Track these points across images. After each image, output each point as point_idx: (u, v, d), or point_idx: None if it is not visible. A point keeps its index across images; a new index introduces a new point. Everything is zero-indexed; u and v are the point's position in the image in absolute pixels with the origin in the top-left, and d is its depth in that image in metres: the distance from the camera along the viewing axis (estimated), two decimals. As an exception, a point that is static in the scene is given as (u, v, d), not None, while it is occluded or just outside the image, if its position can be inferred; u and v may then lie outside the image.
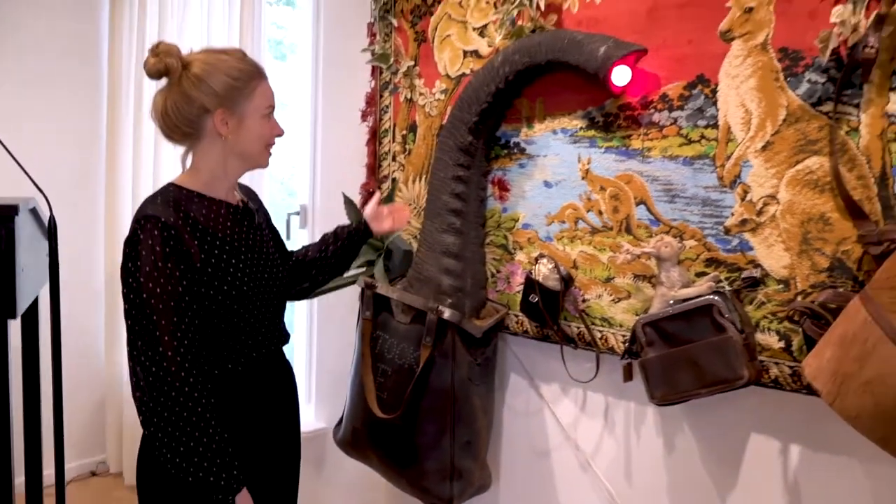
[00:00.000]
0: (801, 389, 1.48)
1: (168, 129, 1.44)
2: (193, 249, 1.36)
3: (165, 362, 1.27)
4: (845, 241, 1.41)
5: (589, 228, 1.80)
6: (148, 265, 1.30)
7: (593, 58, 1.64)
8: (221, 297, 1.40)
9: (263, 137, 1.49)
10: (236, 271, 1.43)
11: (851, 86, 1.39)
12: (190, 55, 1.43)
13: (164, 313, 1.29)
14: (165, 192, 1.43)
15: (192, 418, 1.28)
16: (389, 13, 2.17)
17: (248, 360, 1.49)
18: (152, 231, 1.32)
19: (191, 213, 1.39)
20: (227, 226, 1.46)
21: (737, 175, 1.55)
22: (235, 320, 1.44)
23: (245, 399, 1.49)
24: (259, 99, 1.46)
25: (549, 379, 1.97)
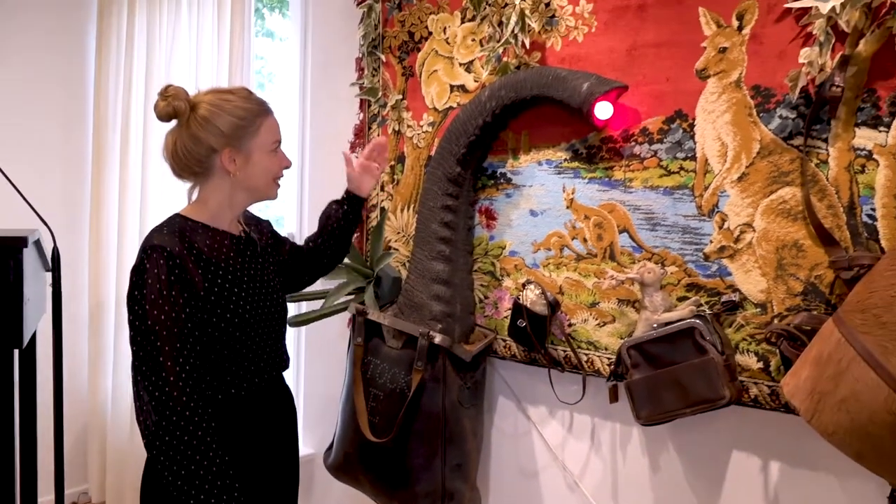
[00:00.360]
0: (779, 408, 1.56)
1: (178, 167, 1.51)
2: (197, 278, 1.41)
3: (168, 387, 1.32)
4: (818, 266, 1.50)
5: (574, 255, 1.87)
6: (153, 293, 1.34)
7: (577, 93, 1.73)
8: (224, 325, 1.45)
9: (271, 172, 1.56)
10: (238, 300, 1.48)
11: (820, 121, 1.49)
12: (197, 96, 1.50)
13: (167, 339, 1.33)
14: (171, 223, 1.48)
15: (193, 441, 1.32)
16: (377, 49, 2.25)
17: (250, 385, 1.52)
18: (158, 260, 1.37)
19: (195, 243, 1.45)
20: (229, 256, 1.51)
21: (714, 204, 1.63)
22: (237, 346, 1.48)
23: (246, 423, 1.52)
24: (265, 135, 1.52)
25: (536, 401, 2.03)
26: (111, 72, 2.94)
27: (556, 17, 1.85)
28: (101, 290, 2.97)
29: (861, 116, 1.44)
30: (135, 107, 2.88)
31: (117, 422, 3.00)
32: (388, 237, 2.28)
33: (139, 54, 2.86)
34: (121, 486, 3.01)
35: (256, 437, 1.55)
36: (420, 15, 2.14)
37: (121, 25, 2.91)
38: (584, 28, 1.81)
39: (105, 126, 2.93)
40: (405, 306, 2.01)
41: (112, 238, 2.95)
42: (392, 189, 2.25)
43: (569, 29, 1.84)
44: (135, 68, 2.87)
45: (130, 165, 2.89)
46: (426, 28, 2.13)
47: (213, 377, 1.46)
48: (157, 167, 2.84)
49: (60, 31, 3.00)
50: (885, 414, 1.22)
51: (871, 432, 1.24)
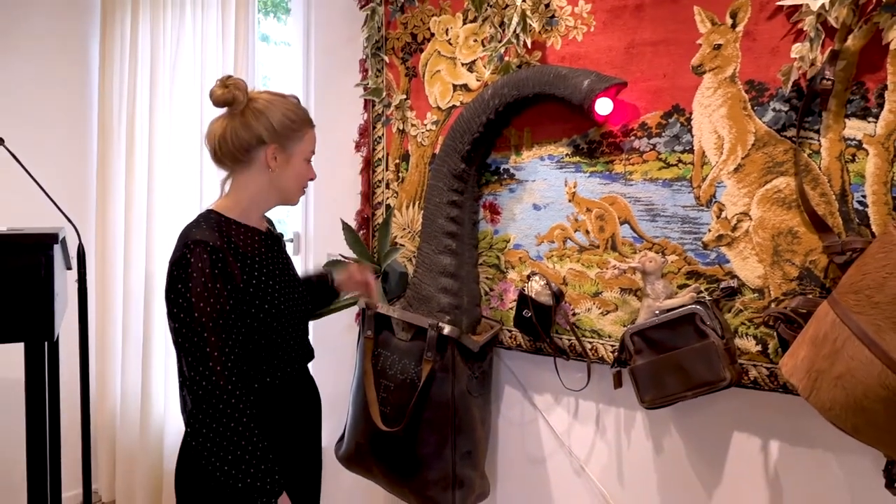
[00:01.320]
0: (778, 388, 1.62)
1: (221, 153, 1.56)
2: (237, 272, 1.47)
3: (215, 376, 1.37)
4: (812, 252, 1.57)
5: (577, 247, 1.94)
6: (199, 286, 1.39)
7: (577, 90, 1.79)
8: (263, 316, 1.51)
9: (302, 179, 1.63)
10: (273, 292, 1.54)
11: (811, 113, 1.56)
12: (254, 92, 1.57)
13: (214, 331, 1.39)
14: (208, 218, 1.53)
15: (238, 428, 1.37)
16: (381, 50, 2.31)
17: (283, 374, 1.58)
18: (201, 254, 1.42)
19: (231, 238, 1.51)
20: (261, 251, 1.57)
21: (712, 195, 1.70)
22: (274, 337, 1.55)
23: (278, 411, 1.57)
24: (307, 144, 1.61)
25: (541, 389, 2.09)
26: (115, 77, 2.98)
27: (556, 18, 1.92)
28: (108, 290, 3.00)
29: (851, 108, 1.51)
30: (140, 111, 2.92)
31: (126, 422, 3.04)
32: (395, 233, 2.34)
33: (143, 59, 2.90)
34: (130, 486, 3.05)
35: (287, 424, 1.60)
36: (422, 17, 2.20)
37: (125, 31, 2.95)
38: (583, 27, 1.88)
39: (110, 130, 2.97)
40: (413, 299, 2.07)
41: (118, 239, 2.99)
42: (397, 186, 2.31)
43: (568, 28, 1.90)
44: (139, 73, 2.91)
45: (136, 169, 2.93)
46: (428, 29, 2.20)
47: (250, 367, 1.51)
48: (163, 168, 2.89)
49: (65, 38, 3.04)
50: (879, 389, 1.28)
51: (866, 407, 1.31)
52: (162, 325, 2.92)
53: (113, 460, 3.12)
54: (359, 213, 2.44)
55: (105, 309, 3.02)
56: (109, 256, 3.03)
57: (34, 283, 1.58)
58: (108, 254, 3.03)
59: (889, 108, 1.46)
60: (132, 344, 3.00)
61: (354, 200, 2.48)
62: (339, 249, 2.40)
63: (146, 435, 3.00)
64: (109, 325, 3.03)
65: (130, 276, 2.98)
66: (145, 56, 2.91)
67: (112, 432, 3.09)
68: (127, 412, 3.04)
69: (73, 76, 3.08)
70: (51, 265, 1.60)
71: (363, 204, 2.43)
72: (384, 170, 2.36)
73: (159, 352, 2.95)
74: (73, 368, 2.89)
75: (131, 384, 3.03)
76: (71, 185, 3.05)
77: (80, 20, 3.08)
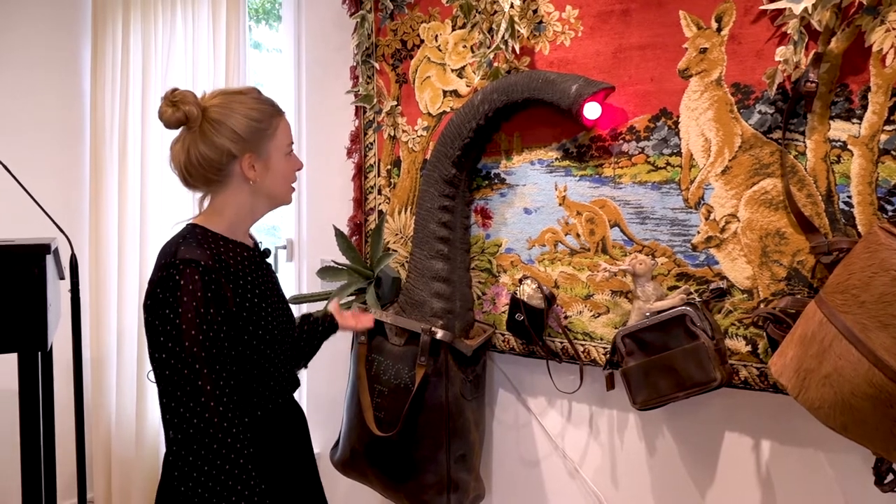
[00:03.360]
0: (768, 388, 1.64)
1: (190, 177, 1.40)
2: (229, 293, 1.31)
3: (208, 413, 1.21)
4: (800, 252, 1.59)
5: (568, 250, 1.95)
6: (189, 312, 1.23)
7: (566, 95, 1.81)
8: (256, 343, 1.37)
9: (287, 176, 1.48)
10: (266, 315, 1.40)
11: (796, 115, 1.58)
12: (204, 99, 1.39)
13: (207, 363, 1.23)
14: (194, 234, 1.37)
15: (234, 471, 1.22)
16: (371, 57, 2.32)
17: (275, 405, 1.46)
18: (192, 276, 1.26)
19: (221, 255, 1.35)
20: (250, 269, 1.42)
21: (700, 197, 1.72)
22: (266, 365, 1.41)
23: (270, 445, 1.45)
24: (281, 137, 1.44)
25: (535, 392, 2.10)
26: (107, 85, 2.97)
27: (544, 23, 1.93)
28: (102, 299, 3.00)
29: (835, 110, 1.53)
30: (132, 119, 2.92)
31: (121, 431, 3.04)
32: (387, 239, 2.35)
33: (135, 68, 2.90)
34: (126, 495, 3.04)
35: (280, 458, 1.48)
36: (412, 24, 2.22)
37: (115, 39, 2.95)
38: (570, 33, 1.90)
39: (102, 138, 2.97)
40: (406, 304, 2.08)
41: (112, 248, 2.99)
42: (389, 192, 2.33)
43: (556, 34, 1.92)
44: (131, 81, 2.91)
45: (129, 176, 2.93)
46: (418, 36, 2.21)
47: (243, 398, 1.37)
48: (156, 178, 2.89)
49: (55, 46, 3.04)
50: (866, 387, 1.30)
51: (854, 405, 1.32)
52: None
53: (108, 470, 3.11)
54: (351, 219, 2.45)
55: (99, 318, 3.02)
56: (103, 266, 3.02)
57: (27, 294, 1.58)
58: (101, 263, 3.02)
59: (872, 109, 1.48)
60: (127, 353, 3.00)
61: (347, 206, 2.49)
62: (332, 256, 2.41)
63: (142, 444, 2.99)
64: (104, 334, 3.03)
65: (125, 284, 2.98)
66: (137, 64, 2.91)
67: (107, 442, 3.09)
68: (122, 421, 3.04)
69: (64, 85, 3.08)
70: (43, 275, 1.59)
71: (355, 210, 2.44)
72: (376, 176, 2.37)
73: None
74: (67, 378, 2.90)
75: (127, 393, 3.02)
76: (63, 194, 3.06)
77: (71, 28, 3.08)
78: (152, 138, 2.89)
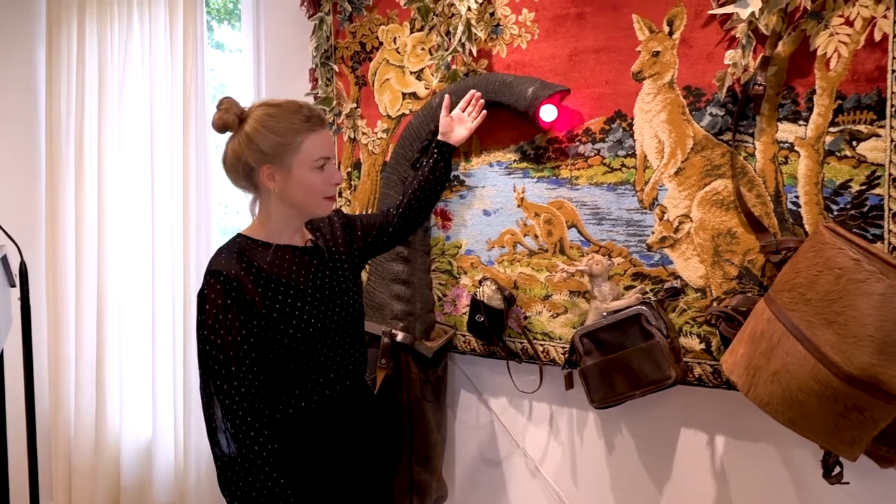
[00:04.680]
0: (721, 385, 1.67)
1: (231, 177, 1.53)
2: (257, 297, 1.42)
3: (233, 409, 1.36)
4: (750, 251, 1.62)
5: (527, 251, 1.97)
6: (210, 318, 1.39)
7: (522, 98, 1.83)
8: (288, 340, 1.45)
9: (314, 189, 1.50)
10: (302, 313, 1.47)
11: (746, 117, 1.61)
12: (249, 110, 1.49)
13: (225, 362, 1.37)
14: (231, 244, 1.50)
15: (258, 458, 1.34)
16: (330, 59, 2.31)
17: (321, 397, 1.52)
18: (215, 285, 1.40)
19: (255, 261, 1.45)
20: (291, 270, 1.50)
21: (655, 198, 1.74)
22: (304, 360, 1.48)
23: (318, 436, 1.51)
24: (308, 152, 1.47)
25: (496, 393, 2.11)
26: (63, 86, 2.91)
27: (501, 26, 1.95)
28: (60, 304, 2.95)
29: (782, 112, 1.57)
30: (88, 121, 2.87)
31: (80, 439, 2.99)
32: (348, 242, 2.34)
33: (91, 68, 2.85)
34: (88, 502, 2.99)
35: (331, 449, 1.54)
36: (371, 26, 2.22)
37: (71, 39, 2.89)
38: (527, 36, 1.91)
39: (58, 141, 2.90)
40: (367, 307, 2.08)
41: (69, 253, 2.93)
42: (350, 195, 2.32)
43: (513, 37, 1.94)
44: (87, 82, 2.86)
45: (86, 180, 2.88)
46: (377, 38, 2.21)
47: (281, 393, 1.47)
48: (114, 181, 2.85)
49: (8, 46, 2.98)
50: (812, 383, 1.34)
51: (801, 400, 1.36)
52: (116, 339, 2.89)
53: (69, 478, 3.06)
54: (312, 222, 2.44)
55: (57, 325, 2.96)
56: (60, 272, 2.96)
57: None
58: (58, 269, 2.96)
59: (818, 111, 1.52)
60: (86, 359, 2.95)
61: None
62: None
63: (102, 450, 2.94)
64: (62, 342, 2.97)
65: (83, 290, 2.93)
66: (93, 64, 2.85)
67: (67, 450, 3.03)
68: (81, 428, 2.99)
69: (18, 86, 3.01)
70: (-13, 285, 1.57)
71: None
72: (336, 178, 2.36)
73: (113, 367, 2.90)
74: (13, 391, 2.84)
75: (86, 401, 2.97)
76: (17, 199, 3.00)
77: (24, 28, 3.02)
78: (109, 141, 2.84)
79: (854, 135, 1.49)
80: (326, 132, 1.52)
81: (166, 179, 2.73)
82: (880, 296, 1.27)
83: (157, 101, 2.72)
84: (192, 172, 2.64)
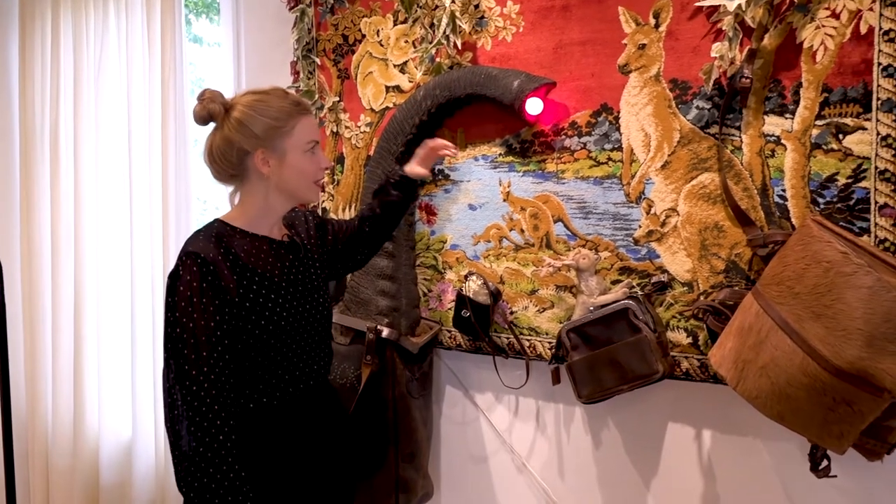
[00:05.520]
0: (708, 379, 1.67)
1: (216, 171, 1.51)
2: (232, 284, 1.40)
3: (197, 389, 1.32)
4: (737, 245, 1.62)
5: (513, 246, 1.95)
6: (184, 300, 1.35)
7: (508, 91, 1.81)
8: (259, 332, 1.44)
9: (307, 173, 1.52)
10: (275, 306, 1.46)
11: (732, 111, 1.61)
12: (233, 99, 1.49)
13: (196, 347, 1.34)
14: (209, 228, 1.47)
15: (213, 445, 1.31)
16: (312, 52, 2.28)
17: (284, 394, 1.50)
18: (191, 267, 1.37)
19: (232, 248, 1.44)
20: (268, 262, 1.49)
21: (641, 192, 1.73)
22: (272, 355, 1.47)
23: (282, 434, 1.50)
24: (299, 135, 1.48)
25: (482, 388, 2.10)
26: (37, 83, 2.85)
27: (486, 18, 1.92)
28: (36, 300, 2.89)
29: (769, 105, 1.56)
30: (64, 118, 2.81)
31: (58, 437, 2.93)
32: (331, 237, 2.31)
33: (66, 63, 2.79)
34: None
35: (291, 449, 1.52)
36: (353, 18, 2.18)
37: (45, 33, 2.82)
38: (512, 28, 1.89)
39: (33, 140, 2.85)
40: (352, 303, 2.05)
41: (45, 246, 2.87)
42: (333, 189, 2.29)
43: (498, 29, 1.92)
44: (62, 76, 2.80)
45: (62, 174, 2.81)
46: (360, 31, 2.18)
47: (244, 387, 1.45)
48: (91, 181, 2.79)
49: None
50: (801, 376, 1.33)
51: (789, 394, 1.35)
52: (94, 336, 2.84)
53: (46, 481, 3.00)
54: (294, 217, 2.41)
55: (33, 322, 2.91)
56: (36, 268, 2.90)
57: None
58: (34, 266, 2.90)
59: (804, 104, 1.52)
60: (63, 357, 2.89)
61: (290, 204, 2.45)
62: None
63: (80, 449, 2.89)
64: (38, 339, 2.92)
65: (59, 286, 2.87)
66: (68, 59, 2.79)
67: (44, 447, 2.98)
68: (59, 426, 2.93)
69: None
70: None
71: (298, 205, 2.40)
72: (319, 173, 2.33)
73: (92, 364, 2.85)
74: None
75: (63, 404, 2.91)
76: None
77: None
78: (86, 137, 2.78)
79: (840, 128, 1.49)
80: (313, 117, 1.56)
81: (144, 176, 2.67)
82: (868, 289, 1.27)
83: (135, 96, 2.66)
84: (171, 169, 2.59)
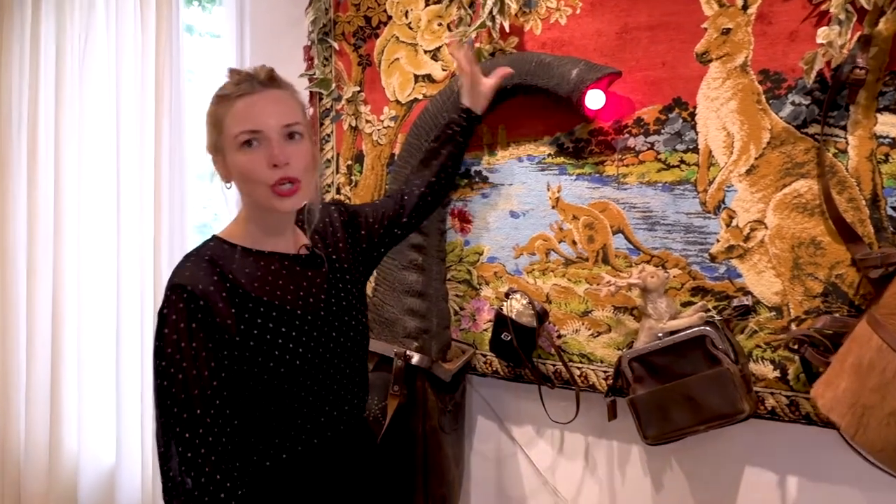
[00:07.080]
0: (800, 419, 1.44)
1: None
2: (230, 320, 1.15)
3: (193, 456, 1.09)
4: (839, 264, 1.39)
5: (562, 260, 1.71)
6: (170, 346, 1.11)
7: (565, 80, 1.57)
8: (269, 375, 1.18)
9: (245, 175, 1.19)
10: (288, 341, 1.20)
11: (837, 107, 1.38)
12: None
13: (187, 404, 1.10)
14: (202, 249, 1.21)
15: None
16: (329, 36, 2.02)
17: (309, 446, 1.25)
18: (177, 304, 1.12)
19: (229, 273, 1.18)
20: (277, 285, 1.22)
21: (721, 200, 1.50)
22: (289, 401, 1.21)
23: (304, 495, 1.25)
24: (228, 128, 1.18)
25: (520, 421, 1.85)
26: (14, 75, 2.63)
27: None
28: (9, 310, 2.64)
29: (883, 101, 1.34)
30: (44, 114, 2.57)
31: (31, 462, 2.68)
32: (347, 245, 2.06)
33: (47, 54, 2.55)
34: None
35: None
36: (377, -3, 1.94)
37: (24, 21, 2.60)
38: (567, 9, 1.66)
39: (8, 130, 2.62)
40: (375, 323, 1.79)
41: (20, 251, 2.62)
42: (350, 191, 2.04)
43: (550, 11, 1.68)
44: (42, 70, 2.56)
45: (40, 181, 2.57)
46: (385, 12, 1.93)
47: (257, 441, 1.20)
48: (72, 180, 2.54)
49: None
50: (941, 427, 1.10)
51: (925, 448, 1.13)
52: (74, 350, 2.58)
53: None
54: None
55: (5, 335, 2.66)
56: (10, 277, 2.66)
57: None
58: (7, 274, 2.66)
59: (929, 101, 1.29)
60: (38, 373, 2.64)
61: (299, 207, 2.19)
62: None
63: (56, 476, 2.64)
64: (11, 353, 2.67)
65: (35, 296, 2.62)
66: (49, 50, 2.55)
67: (16, 473, 2.72)
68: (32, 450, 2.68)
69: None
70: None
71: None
72: (334, 172, 2.08)
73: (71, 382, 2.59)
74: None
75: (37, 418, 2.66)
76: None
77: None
78: (67, 136, 2.54)
79: (975, 129, 1.26)
80: (263, 96, 1.19)
81: (135, 175, 2.41)
82: None
83: (125, 87, 2.42)
84: (164, 167, 2.33)
